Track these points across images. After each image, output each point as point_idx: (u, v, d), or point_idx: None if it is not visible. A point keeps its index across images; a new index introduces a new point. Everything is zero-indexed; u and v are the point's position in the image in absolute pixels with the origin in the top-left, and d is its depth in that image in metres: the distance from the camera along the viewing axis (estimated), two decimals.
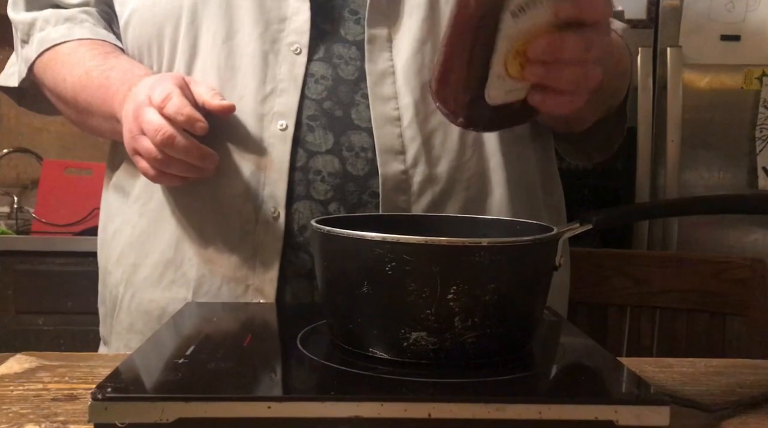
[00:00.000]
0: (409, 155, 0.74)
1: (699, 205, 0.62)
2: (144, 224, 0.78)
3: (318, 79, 0.75)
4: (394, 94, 0.75)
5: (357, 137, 0.74)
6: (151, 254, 0.77)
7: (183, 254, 0.75)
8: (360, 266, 0.51)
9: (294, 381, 0.51)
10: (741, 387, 0.62)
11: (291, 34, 0.75)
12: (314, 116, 0.74)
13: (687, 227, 1.61)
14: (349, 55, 0.76)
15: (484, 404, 0.44)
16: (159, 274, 0.76)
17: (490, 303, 0.50)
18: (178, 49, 0.76)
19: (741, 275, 1.04)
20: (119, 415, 0.43)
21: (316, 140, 0.73)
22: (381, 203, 0.73)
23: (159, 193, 0.77)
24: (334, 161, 0.73)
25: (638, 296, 1.09)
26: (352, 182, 0.73)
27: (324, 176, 0.73)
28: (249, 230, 0.73)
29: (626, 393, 0.49)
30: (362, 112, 0.74)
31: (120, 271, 0.80)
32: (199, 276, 0.74)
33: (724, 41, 1.62)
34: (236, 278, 0.73)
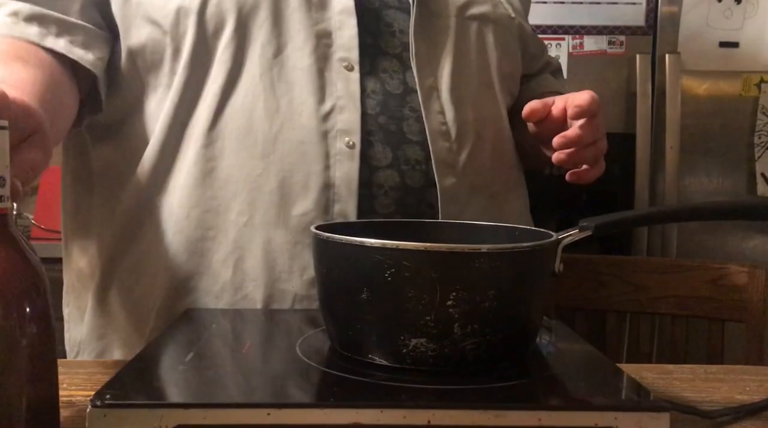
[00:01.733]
0: (458, 167, 0.77)
1: (698, 212, 0.62)
2: (184, 243, 0.73)
3: (369, 93, 0.75)
4: (441, 109, 0.77)
5: (411, 150, 0.75)
6: (200, 276, 0.73)
7: (244, 274, 0.72)
8: (359, 273, 0.51)
9: (293, 387, 0.51)
10: (741, 394, 0.62)
11: (340, 50, 0.75)
12: (372, 132, 0.74)
13: (686, 234, 1.61)
14: (393, 68, 0.77)
15: (483, 410, 0.44)
16: (215, 297, 0.72)
17: (489, 310, 0.50)
18: (216, 58, 0.73)
19: (740, 281, 1.04)
20: (118, 422, 0.43)
21: (377, 155, 0.74)
22: (440, 214, 0.75)
23: (205, 210, 0.72)
24: (394, 175, 0.74)
25: (637, 302, 1.09)
26: (411, 195, 0.75)
27: (386, 190, 0.74)
28: None
29: (626, 399, 0.48)
30: (412, 125, 0.76)
31: (156, 296, 0.74)
32: (267, 297, 0.72)
33: (723, 48, 1.62)
34: (309, 296, 0.72)
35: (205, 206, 0.73)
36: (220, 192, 0.73)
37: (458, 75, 0.79)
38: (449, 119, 0.77)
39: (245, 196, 0.72)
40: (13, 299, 0.40)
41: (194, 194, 0.73)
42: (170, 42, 0.74)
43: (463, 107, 0.79)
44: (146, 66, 0.76)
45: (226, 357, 0.55)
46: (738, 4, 1.61)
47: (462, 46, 0.80)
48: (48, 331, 0.42)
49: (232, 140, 0.72)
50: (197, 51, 0.73)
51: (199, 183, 0.73)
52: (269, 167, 0.72)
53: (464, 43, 0.81)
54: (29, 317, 0.41)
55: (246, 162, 0.72)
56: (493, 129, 0.82)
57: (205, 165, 0.73)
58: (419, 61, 0.77)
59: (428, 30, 0.79)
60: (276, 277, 0.72)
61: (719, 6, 1.60)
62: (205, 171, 0.73)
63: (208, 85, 0.73)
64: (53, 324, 0.43)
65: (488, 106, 0.82)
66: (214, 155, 0.73)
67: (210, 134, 0.73)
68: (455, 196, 0.76)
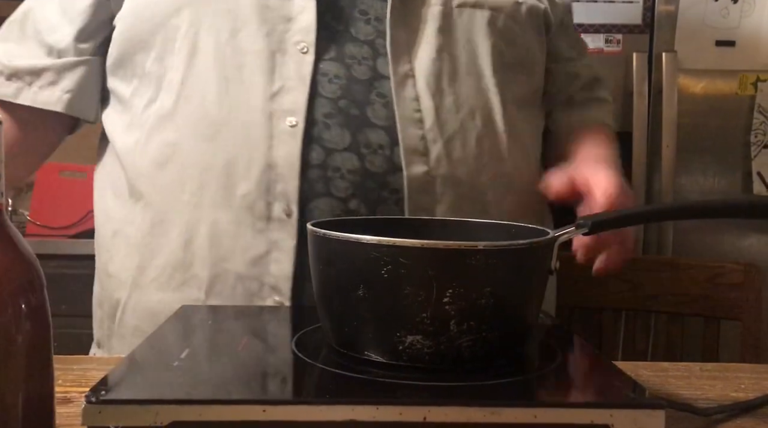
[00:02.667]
0: (432, 156, 0.75)
1: (694, 210, 0.62)
2: (147, 224, 0.77)
3: (331, 78, 0.75)
4: (416, 96, 0.76)
5: (374, 134, 0.74)
6: (159, 255, 0.76)
7: (193, 254, 0.75)
8: (356, 270, 0.51)
9: (289, 384, 0.51)
10: (736, 391, 0.62)
11: (297, 34, 0.75)
12: (330, 114, 0.74)
13: (682, 232, 1.61)
14: (362, 54, 0.77)
15: (479, 407, 0.44)
16: (168, 276, 0.76)
17: (485, 307, 0.50)
18: (176, 47, 0.76)
19: (735, 279, 1.04)
20: (113, 418, 0.43)
21: (333, 138, 0.74)
22: (406, 203, 0.74)
23: (163, 193, 0.76)
24: (352, 158, 0.74)
25: (633, 300, 1.09)
26: (372, 179, 0.74)
27: (343, 173, 0.73)
28: (261, 228, 0.73)
29: (622, 396, 0.48)
30: (378, 110, 0.75)
31: (124, 273, 0.79)
32: (212, 276, 0.74)
33: (719, 47, 1.62)
34: (250, 276, 0.73)
35: (164, 189, 0.76)
36: (176, 175, 0.76)
37: (440, 64, 0.78)
38: (425, 106, 0.76)
39: (196, 177, 0.75)
40: (9, 296, 0.40)
41: (155, 177, 0.77)
42: (141, 36, 0.78)
43: (444, 96, 0.77)
44: (122, 60, 0.81)
45: (221, 353, 0.55)
46: (735, 3, 1.61)
47: (447, 35, 0.79)
48: (44, 327, 0.42)
49: (188, 125, 0.75)
50: (161, 43, 0.77)
51: (159, 168, 0.76)
52: (217, 148, 0.74)
53: (450, 32, 0.79)
54: (25, 313, 0.40)
55: (198, 145, 0.75)
56: (482, 120, 0.80)
57: (164, 150, 0.76)
58: (395, 48, 0.77)
59: (408, 18, 0.78)
60: (220, 257, 0.74)
61: (716, 5, 1.61)
62: (165, 156, 0.76)
63: (170, 74, 0.77)
64: (49, 321, 0.43)
65: (477, 96, 0.80)
66: (173, 141, 0.76)
67: (170, 121, 0.76)
68: (425, 186, 0.75)
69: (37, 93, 0.82)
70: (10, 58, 0.82)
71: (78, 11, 0.81)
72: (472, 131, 0.78)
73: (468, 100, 0.79)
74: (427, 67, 0.77)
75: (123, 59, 0.81)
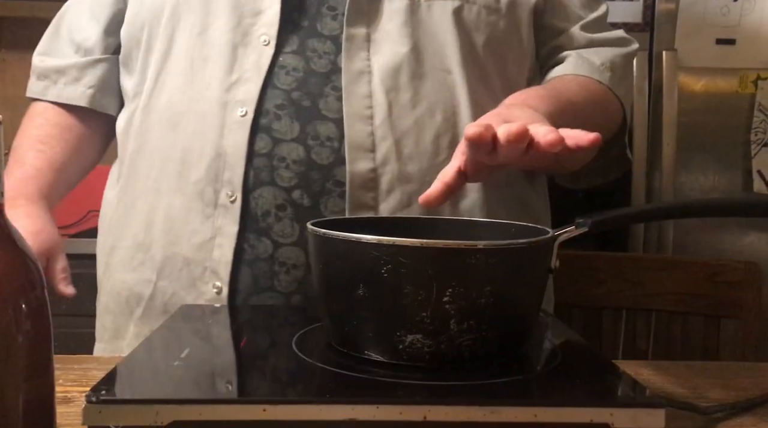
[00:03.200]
0: (379, 153, 0.75)
1: (694, 208, 0.62)
2: (121, 208, 0.82)
3: (289, 70, 0.76)
4: (369, 93, 0.76)
5: (323, 127, 0.75)
6: (126, 237, 0.80)
7: (151, 237, 0.78)
8: (356, 269, 0.51)
9: (289, 383, 0.51)
10: (736, 390, 0.62)
11: (262, 27, 0.77)
12: (282, 106, 0.75)
13: (682, 230, 1.61)
14: (324, 49, 0.77)
15: (479, 407, 0.44)
16: (130, 256, 0.79)
17: (485, 306, 0.50)
18: (157, 42, 0.80)
19: (735, 277, 1.04)
20: (113, 418, 0.43)
21: (282, 128, 0.75)
22: (348, 198, 0.74)
23: (135, 178, 0.81)
24: (298, 148, 0.74)
25: (634, 298, 1.09)
26: (316, 171, 0.74)
27: (288, 163, 0.74)
28: (209, 214, 0.75)
29: (622, 395, 0.49)
30: (331, 103, 0.76)
31: (102, 254, 0.84)
32: (164, 258, 0.77)
33: (720, 45, 1.62)
34: (195, 260, 0.75)
35: (137, 175, 0.81)
36: (145, 162, 0.80)
37: (401, 60, 0.77)
38: (377, 103, 0.75)
39: (158, 165, 0.78)
40: (9, 296, 0.40)
41: (133, 166, 0.81)
42: (134, 33, 0.83)
43: (401, 92, 0.76)
44: (125, 58, 0.86)
45: (222, 352, 0.55)
46: (735, 1, 1.61)
47: (412, 31, 0.77)
48: (44, 327, 0.42)
49: (156, 115, 0.79)
50: (146, 39, 0.81)
51: (136, 156, 0.81)
52: (177, 137, 0.77)
53: (415, 27, 0.78)
54: (25, 313, 0.40)
55: (163, 134, 0.78)
56: (444, 116, 0.77)
57: (140, 139, 0.81)
58: (350, 44, 0.76)
59: (370, 14, 0.78)
60: (171, 240, 0.76)
61: (716, 3, 1.61)
62: (140, 145, 0.81)
63: (150, 68, 0.81)
64: (50, 320, 0.43)
65: (440, 92, 0.77)
66: (145, 130, 0.80)
67: (145, 111, 0.80)
68: (368, 182, 0.74)
69: (62, 89, 0.88)
70: (42, 58, 0.90)
71: (102, 9, 0.88)
72: (429, 128, 0.77)
73: (428, 96, 0.77)
74: (385, 64, 0.76)
75: (125, 56, 0.86)
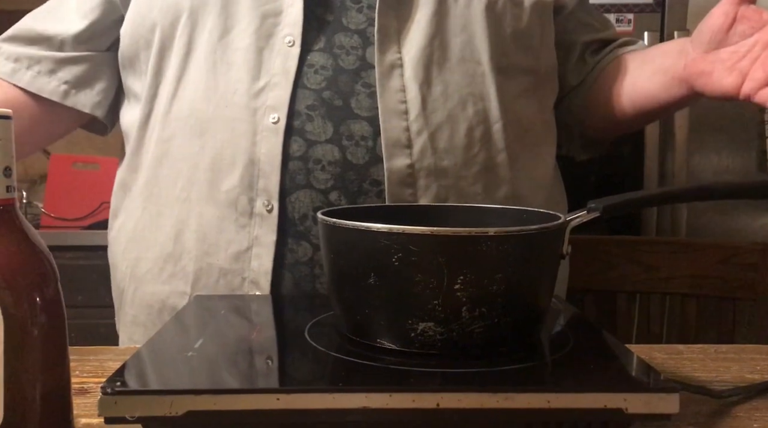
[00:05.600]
0: (415, 148, 0.74)
1: (707, 191, 0.62)
2: (146, 218, 0.79)
3: (318, 69, 0.75)
4: (402, 86, 0.75)
5: (357, 125, 0.74)
6: (152, 248, 0.78)
7: (182, 247, 0.76)
8: (366, 258, 0.51)
9: (302, 372, 0.51)
10: (752, 373, 0.62)
11: (285, 27, 0.75)
12: (313, 106, 0.74)
13: (696, 213, 1.60)
14: (351, 44, 0.76)
15: (492, 393, 0.44)
16: (159, 268, 0.77)
17: (497, 293, 0.50)
18: (174, 45, 0.77)
19: (750, 260, 1.03)
20: (129, 409, 0.43)
21: (315, 130, 0.73)
22: (387, 196, 0.73)
23: (159, 187, 0.78)
24: (333, 150, 0.73)
25: (647, 282, 1.08)
26: (353, 171, 0.73)
27: (324, 165, 0.73)
28: (244, 223, 0.74)
29: (635, 380, 0.48)
30: (362, 101, 0.74)
31: (124, 265, 0.81)
32: (197, 269, 0.75)
33: None
34: (232, 270, 0.74)
35: (161, 184, 0.78)
36: (171, 171, 0.78)
37: (432, 51, 0.76)
38: (410, 97, 0.75)
39: (186, 173, 0.76)
40: (24, 290, 0.40)
41: (155, 173, 0.79)
42: (142, 33, 0.80)
43: (433, 85, 0.76)
44: (129, 58, 0.83)
45: (235, 342, 0.55)
46: None
47: (441, 21, 0.77)
48: (59, 320, 0.42)
49: (180, 122, 0.77)
50: (160, 41, 0.78)
51: (158, 164, 0.79)
52: (205, 145, 0.75)
53: (445, 17, 0.77)
54: (40, 306, 0.41)
55: (188, 141, 0.76)
56: (475, 109, 0.77)
57: (162, 147, 0.78)
58: (382, 36, 0.75)
59: (400, 5, 0.76)
60: (205, 251, 0.75)
61: None
62: (162, 152, 0.78)
63: (168, 72, 0.78)
64: (64, 313, 0.43)
65: (470, 85, 0.77)
66: (168, 137, 0.78)
67: (166, 118, 0.78)
68: (406, 178, 0.74)
69: (35, 77, 0.84)
70: (15, 45, 0.85)
71: (89, 8, 0.84)
72: (461, 121, 0.77)
73: (459, 89, 0.77)
74: (416, 56, 0.75)
75: (131, 57, 0.83)
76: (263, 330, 0.60)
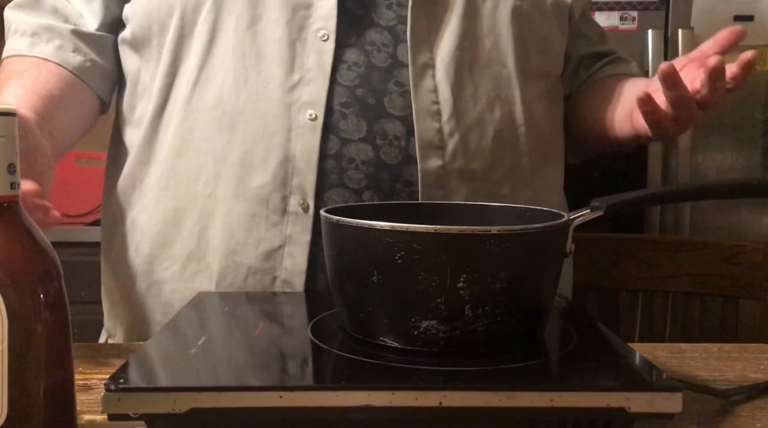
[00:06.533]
0: (448, 150, 0.74)
1: (710, 190, 0.62)
2: (161, 213, 0.76)
3: (350, 65, 0.74)
4: (434, 87, 0.75)
5: (390, 125, 0.73)
6: (171, 244, 0.76)
7: (207, 244, 0.74)
8: (369, 256, 0.51)
9: (305, 370, 0.51)
10: (755, 372, 0.62)
11: (318, 21, 0.74)
12: (347, 103, 0.73)
13: (699, 211, 1.60)
14: (382, 41, 0.75)
15: (495, 392, 0.44)
16: (181, 265, 0.75)
17: (500, 291, 0.50)
18: (196, 31, 0.74)
19: (754, 258, 1.03)
20: (132, 406, 0.44)
21: (349, 128, 0.73)
22: (420, 197, 0.73)
23: (178, 181, 0.75)
24: (367, 149, 0.73)
25: (651, 280, 1.08)
26: (386, 171, 0.73)
27: (358, 164, 0.72)
28: (276, 221, 0.72)
29: (638, 379, 0.48)
30: (395, 100, 0.74)
31: (136, 262, 0.78)
32: (223, 267, 0.73)
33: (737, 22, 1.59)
34: (263, 269, 0.73)
35: (180, 177, 0.75)
36: (192, 164, 0.75)
37: (462, 53, 0.76)
38: (443, 98, 0.74)
39: (211, 168, 0.74)
40: (27, 286, 0.40)
41: (173, 166, 0.76)
42: (157, 17, 0.76)
43: (463, 87, 0.76)
44: (138, 41, 0.79)
45: (238, 340, 0.55)
46: None
47: (470, 23, 0.77)
48: (62, 316, 0.42)
49: (204, 113, 0.74)
50: (179, 26, 0.75)
51: (177, 155, 0.75)
52: (234, 139, 0.73)
53: (473, 19, 0.77)
54: (43, 303, 0.41)
55: (214, 134, 0.74)
56: (502, 112, 0.78)
57: (182, 138, 0.75)
58: (415, 35, 0.75)
59: (431, 4, 0.76)
60: (232, 248, 0.73)
61: None
62: (182, 143, 0.75)
63: (189, 59, 0.75)
64: (67, 309, 0.43)
65: (498, 87, 0.78)
66: (190, 128, 0.75)
67: (187, 108, 0.75)
68: (440, 180, 0.74)
69: (58, 50, 0.78)
70: (26, 15, 0.81)
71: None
72: (490, 124, 0.77)
73: (487, 92, 0.77)
74: (447, 57, 0.75)
75: (140, 42, 0.79)
76: (266, 327, 0.60)
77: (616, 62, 0.94)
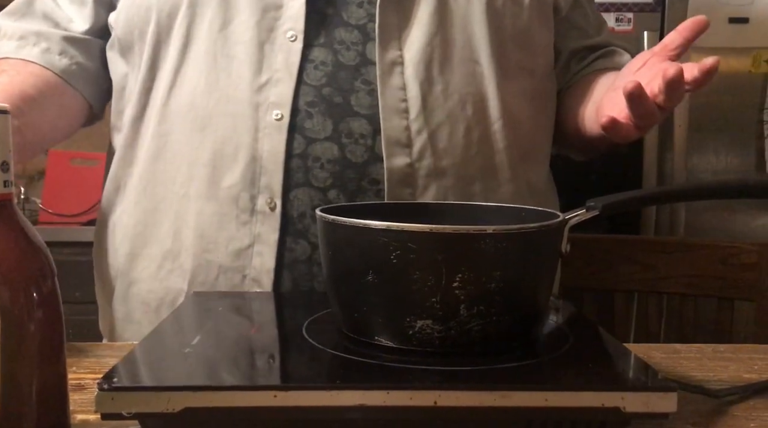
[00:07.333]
0: (415, 148, 0.74)
1: (705, 191, 0.62)
2: (140, 214, 0.78)
3: (318, 65, 0.74)
4: (403, 84, 0.74)
5: (356, 123, 0.73)
6: (150, 245, 0.77)
7: (181, 244, 0.75)
8: (364, 255, 0.51)
9: (300, 369, 0.51)
10: (749, 373, 0.62)
11: (287, 21, 0.74)
12: (313, 103, 0.73)
13: (694, 212, 1.60)
14: (351, 39, 0.75)
15: (490, 391, 0.44)
16: (157, 265, 0.76)
17: (495, 291, 0.50)
18: (172, 36, 0.76)
19: (749, 259, 1.03)
20: (126, 405, 0.43)
21: (314, 127, 0.73)
22: (386, 195, 0.73)
23: (156, 183, 0.77)
24: (333, 147, 0.73)
25: (646, 281, 1.08)
26: (352, 169, 0.73)
27: (323, 163, 0.73)
28: (246, 220, 0.73)
29: (633, 379, 0.48)
30: (362, 98, 0.74)
31: (118, 262, 0.80)
32: (195, 266, 0.74)
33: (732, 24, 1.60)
34: (233, 267, 0.73)
35: (157, 179, 0.77)
36: (168, 166, 0.76)
37: (433, 49, 0.75)
38: (411, 95, 0.74)
39: (185, 169, 0.75)
40: (20, 285, 0.40)
41: (150, 168, 0.77)
42: (137, 23, 0.78)
43: (433, 83, 0.75)
44: (122, 47, 0.81)
45: (232, 339, 0.55)
46: None
47: (442, 19, 0.76)
48: (56, 315, 0.42)
49: (179, 116, 0.75)
50: (156, 31, 0.76)
51: (154, 158, 0.77)
52: (205, 140, 0.74)
53: (445, 15, 0.76)
54: (37, 302, 0.41)
55: (188, 136, 0.75)
56: (474, 109, 0.76)
57: (159, 140, 0.77)
58: (383, 32, 0.75)
59: (401, 2, 0.76)
60: (204, 248, 0.74)
61: None
62: (159, 146, 0.77)
63: (166, 64, 0.77)
64: (61, 309, 0.43)
65: (469, 84, 0.76)
66: (166, 131, 0.76)
67: (164, 111, 0.76)
68: (406, 178, 0.73)
69: (44, 53, 0.80)
70: (13, 22, 0.82)
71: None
72: (461, 121, 0.76)
73: (459, 89, 0.76)
74: (417, 54, 0.75)
75: (124, 48, 0.80)
76: (261, 326, 0.60)
77: (608, 56, 0.92)
